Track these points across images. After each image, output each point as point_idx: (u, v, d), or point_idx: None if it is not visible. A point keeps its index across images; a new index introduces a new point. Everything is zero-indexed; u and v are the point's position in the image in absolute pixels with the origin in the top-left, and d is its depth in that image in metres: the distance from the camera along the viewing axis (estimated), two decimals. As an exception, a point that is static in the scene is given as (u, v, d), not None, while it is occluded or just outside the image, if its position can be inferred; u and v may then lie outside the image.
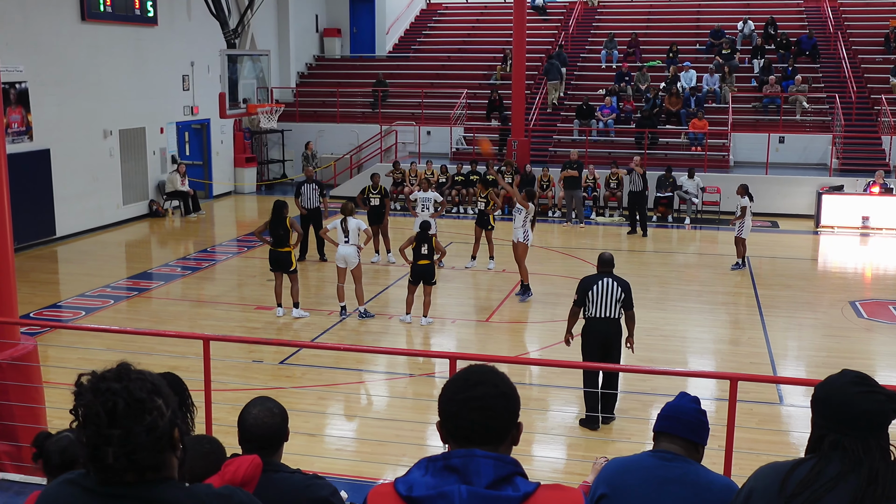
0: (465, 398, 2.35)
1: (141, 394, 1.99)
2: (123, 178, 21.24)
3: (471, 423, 2.33)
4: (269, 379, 10.66)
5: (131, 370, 2.04)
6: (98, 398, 1.97)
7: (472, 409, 2.33)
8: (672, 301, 14.75)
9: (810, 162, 24.07)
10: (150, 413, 1.99)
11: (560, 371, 10.54)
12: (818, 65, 26.95)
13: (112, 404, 1.96)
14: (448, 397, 2.39)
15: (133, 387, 1.99)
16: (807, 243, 19.94)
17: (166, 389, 2.08)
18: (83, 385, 2.03)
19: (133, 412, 1.97)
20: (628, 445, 8.28)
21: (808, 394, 9.15)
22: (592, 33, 30.61)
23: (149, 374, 2.07)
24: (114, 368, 2.04)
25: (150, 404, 2.00)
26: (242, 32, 24.32)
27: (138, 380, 2.02)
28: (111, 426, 1.96)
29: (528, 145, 23.74)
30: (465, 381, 2.38)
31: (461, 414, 2.34)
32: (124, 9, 20.66)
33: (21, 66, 17.54)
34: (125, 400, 1.97)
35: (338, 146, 26.76)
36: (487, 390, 2.35)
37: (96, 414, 1.96)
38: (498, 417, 2.34)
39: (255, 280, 16.00)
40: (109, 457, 1.97)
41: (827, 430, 2.72)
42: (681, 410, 3.50)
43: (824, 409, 2.77)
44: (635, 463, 3.41)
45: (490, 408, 2.33)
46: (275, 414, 3.51)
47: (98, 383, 2.00)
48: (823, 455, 2.71)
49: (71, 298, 14.47)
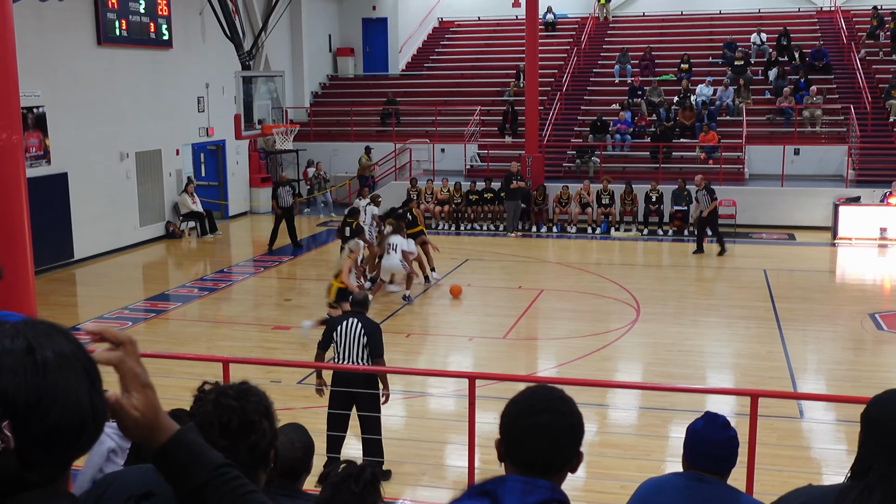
0: (529, 425, 2.28)
1: (254, 416, 2.13)
2: (140, 199, 21.38)
3: (533, 451, 2.27)
4: (288, 399, 10.65)
5: (251, 391, 2.18)
6: (216, 410, 2.11)
7: (537, 438, 2.27)
8: (689, 315, 14.69)
9: (826, 173, 23.97)
10: (256, 433, 2.12)
11: (578, 388, 10.49)
12: (832, 76, 26.89)
13: (227, 419, 2.10)
14: (511, 421, 2.32)
15: (249, 408, 2.13)
16: (824, 255, 19.84)
17: (272, 411, 2.21)
18: (206, 394, 2.17)
19: (243, 430, 2.10)
20: (648, 463, 8.23)
21: (830, 409, 9.08)
22: (605, 48, 30.65)
23: (264, 396, 2.21)
24: (236, 385, 2.19)
25: (259, 426, 2.13)
26: (257, 54, 24.50)
27: (255, 401, 2.16)
28: (220, 437, 2.08)
29: (542, 161, 23.77)
30: (531, 407, 2.31)
31: (524, 441, 2.28)
32: (140, 32, 20.86)
33: (39, 91, 17.72)
34: (239, 418, 2.11)
35: (352, 165, 26.84)
36: (553, 420, 2.28)
37: (210, 424, 2.09)
38: (562, 449, 2.28)
39: (271, 300, 16.05)
40: None
41: (878, 458, 2.41)
42: (714, 445, 3.41)
43: (878, 433, 2.45)
44: (669, 483, 3.40)
45: (555, 439, 2.27)
46: (296, 448, 3.51)
47: (219, 397, 2.13)
48: (868, 486, 2.34)
49: (89, 321, 14.52)
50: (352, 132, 27.71)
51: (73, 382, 1.53)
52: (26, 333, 1.53)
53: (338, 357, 8.26)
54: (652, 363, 12.41)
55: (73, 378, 1.53)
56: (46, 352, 1.51)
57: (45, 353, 1.51)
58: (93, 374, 1.59)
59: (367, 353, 8.22)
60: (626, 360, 12.69)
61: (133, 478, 2.26)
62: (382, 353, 8.32)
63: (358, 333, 8.20)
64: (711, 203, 19.22)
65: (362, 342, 8.19)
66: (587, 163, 24.56)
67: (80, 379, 1.55)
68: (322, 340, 8.47)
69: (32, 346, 1.51)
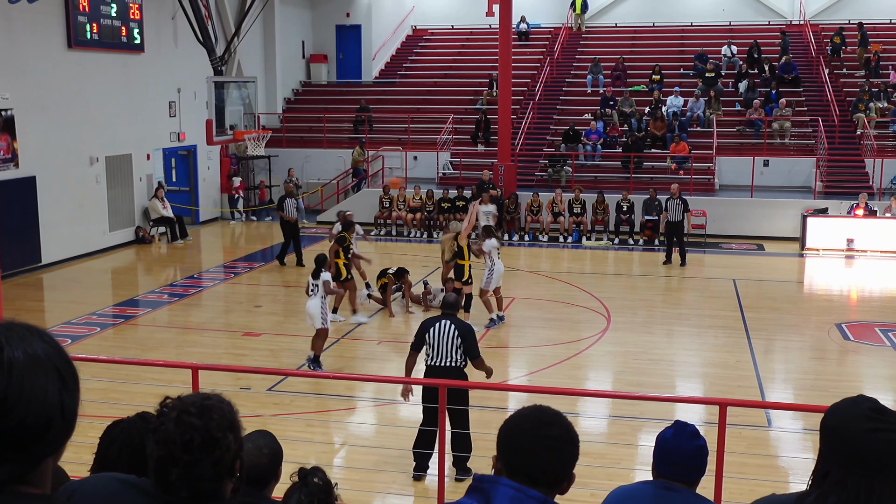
0: (538, 435, 2.38)
1: (217, 433, 2.11)
2: (110, 204, 21.18)
3: (538, 459, 2.36)
4: (257, 406, 10.60)
5: (213, 408, 2.15)
6: (178, 429, 2.10)
7: (544, 448, 2.37)
8: (660, 325, 14.78)
9: (795, 185, 24.26)
10: (220, 448, 2.12)
11: (548, 397, 10.52)
12: (801, 88, 27.23)
13: (189, 437, 2.09)
14: (519, 431, 2.40)
15: (212, 425, 2.11)
16: (792, 266, 20.05)
17: (238, 423, 2.20)
18: (167, 413, 2.14)
19: (206, 447, 2.09)
20: (618, 471, 8.27)
21: (797, 418, 9.17)
22: (578, 58, 30.83)
23: (228, 409, 2.18)
24: (198, 402, 2.15)
25: (223, 442, 2.12)
26: (229, 59, 24.44)
27: (217, 416, 2.14)
28: (183, 453, 2.08)
29: (514, 170, 23.84)
30: (538, 420, 2.41)
31: (532, 449, 2.37)
32: (111, 36, 20.68)
33: (7, 94, 17.53)
34: (202, 436, 2.09)
35: (325, 171, 26.80)
36: (560, 433, 2.39)
37: (173, 441, 2.09)
38: (563, 462, 2.39)
39: (241, 307, 15.95)
40: (173, 475, 2.09)
41: (833, 465, 2.46)
42: (683, 455, 3.42)
43: (833, 440, 2.49)
44: (638, 491, 3.40)
45: (560, 450, 2.38)
46: (263, 454, 3.48)
47: (181, 416, 2.12)
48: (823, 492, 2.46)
49: (57, 326, 14.37)
50: (324, 139, 27.65)
51: (42, 382, 1.55)
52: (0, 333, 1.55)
53: (432, 357, 8.53)
54: (622, 372, 12.47)
55: (42, 378, 1.55)
56: (16, 351, 1.55)
57: (14, 353, 1.54)
58: (66, 376, 1.61)
59: (461, 354, 8.49)
60: (597, 368, 12.75)
61: (96, 486, 2.25)
62: (478, 352, 8.63)
63: (452, 335, 8.49)
64: (684, 213, 19.34)
65: (456, 343, 8.48)
66: (559, 172, 24.67)
67: (50, 379, 1.57)
68: (415, 342, 8.71)
69: (2, 346, 1.55)
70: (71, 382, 1.62)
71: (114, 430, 3.14)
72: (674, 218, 19.27)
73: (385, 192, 23.64)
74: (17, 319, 1.64)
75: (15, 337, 1.58)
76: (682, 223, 19.38)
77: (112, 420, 3.21)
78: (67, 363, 1.62)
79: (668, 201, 19.47)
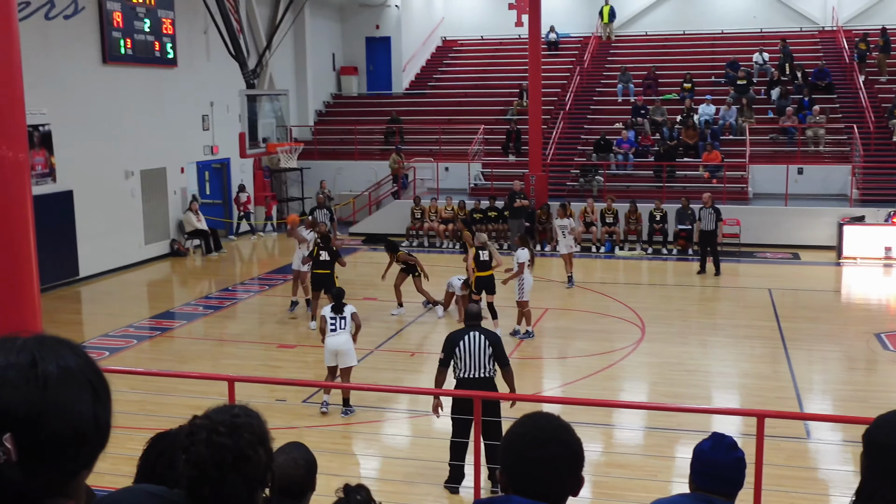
0: (537, 458, 2.31)
1: (248, 450, 2.12)
2: (145, 217, 21.40)
3: (539, 482, 2.31)
4: (292, 418, 10.64)
5: (243, 425, 2.15)
6: (209, 450, 2.10)
7: (545, 470, 2.31)
8: (695, 335, 14.66)
9: (830, 192, 23.95)
10: (251, 464, 2.13)
11: (583, 408, 10.46)
12: (835, 95, 26.94)
13: (220, 458, 2.10)
14: (518, 455, 2.35)
15: (243, 443, 2.12)
16: (829, 275, 19.80)
17: (267, 435, 2.20)
18: (197, 434, 2.15)
19: (238, 465, 2.11)
20: (655, 484, 8.19)
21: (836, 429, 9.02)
22: (608, 67, 30.73)
23: (256, 422, 2.18)
24: (227, 421, 2.15)
25: (254, 458, 2.13)
26: (261, 72, 24.62)
27: (248, 434, 2.14)
28: (214, 471, 2.10)
29: (545, 180, 23.78)
30: (535, 439, 2.34)
31: (532, 473, 2.32)
32: (145, 51, 20.94)
33: (44, 109, 17.78)
34: (234, 455, 2.10)
35: (356, 183, 26.90)
36: (559, 451, 2.33)
37: (204, 461, 2.10)
38: (568, 478, 2.34)
39: (276, 318, 16.02)
40: (206, 492, 2.10)
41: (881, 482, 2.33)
42: (721, 466, 3.39)
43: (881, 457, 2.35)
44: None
45: (559, 469, 2.32)
46: (300, 465, 3.49)
47: (211, 436, 2.12)
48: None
49: (95, 339, 14.53)
50: (356, 151, 27.77)
51: (76, 396, 1.56)
52: (32, 348, 1.56)
53: (463, 370, 8.60)
54: (657, 383, 12.37)
55: (76, 392, 1.56)
56: (49, 365, 1.54)
57: (48, 367, 1.54)
58: (99, 389, 1.61)
59: (492, 363, 8.59)
60: (632, 379, 12.65)
61: (128, 499, 2.26)
62: (508, 360, 8.74)
63: (483, 345, 8.59)
64: (717, 222, 19.17)
65: (487, 353, 8.58)
66: (591, 181, 24.58)
67: (83, 392, 1.57)
68: (444, 358, 8.74)
69: (36, 360, 1.55)
70: (104, 395, 1.63)
71: (161, 442, 3.14)
72: (707, 227, 19.12)
73: (416, 204, 23.67)
74: (48, 333, 1.65)
75: (48, 350, 1.58)
76: (715, 232, 19.21)
77: (152, 432, 3.22)
78: (100, 376, 1.62)
79: (701, 210, 19.32)
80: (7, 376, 1.51)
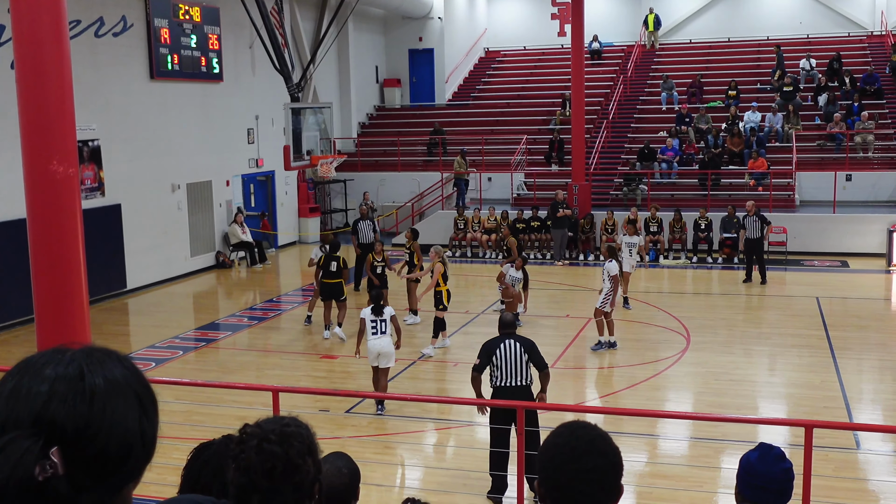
0: (575, 470, 2.26)
1: (298, 459, 2.14)
2: (191, 230, 21.70)
3: (580, 493, 2.26)
4: (336, 428, 10.70)
5: (293, 434, 2.17)
6: (259, 457, 2.12)
7: (583, 482, 2.26)
8: (740, 344, 14.48)
9: (880, 199, 23.55)
10: (301, 473, 2.15)
11: (627, 418, 10.40)
12: (884, 100, 26.51)
13: (271, 466, 2.12)
14: (555, 467, 2.29)
15: (292, 452, 2.14)
16: (879, 283, 19.45)
17: (316, 446, 2.22)
18: (248, 441, 2.16)
19: (287, 474, 2.13)
20: (701, 495, 8.11)
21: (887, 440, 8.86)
22: (651, 75, 30.56)
23: (306, 433, 2.20)
24: (278, 430, 2.17)
25: (303, 468, 2.15)
26: (305, 86, 24.85)
27: (297, 443, 2.16)
28: (264, 479, 2.12)
29: (589, 189, 23.70)
30: (573, 450, 2.29)
31: (571, 486, 2.27)
32: (191, 66, 21.27)
33: (94, 125, 18.14)
34: (283, 464, 2.12)
35: (399, 194, 27.03)
36: (598, 462, 2.27)
37: (254, 469, 2.12)
38: (607, 489, 2.29)
39: (320, 329, 16.12)
40: (255, 501, 2.12)
41: None
42: (769, 478, 3.33)
43: None
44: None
45: (599, 481, 2.27)
46: (343, 474, 3.51)
47: (262, 443, 2.14)
48: None
49: (141, 350, 14.75)
50: (398, 162, 27.90)
51: (123, 408, 1.55)
52: (80, 360, 1.56)
53: (500, 378, 8.62)
54: (703, 392, 12.24)
55: (122, 404, 1.55)
56: (97, 378, 1.54)
57: (95, 380, 1.53)
58: (145, 401, 1.61)
59: (529, 370, 8.63)
60: (677, 389, 12.54)
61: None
62: (546, 363, 8.81)
63: (519, 352, 8.62)
64: (762, 230, 18.93)
65: (524, 359, 8.62)
66: (634, 190, 24.44)
67: (130, 405, 1.57)
68: (479, 364, 8.77)
69: (83, 373, 1.54)
70: (150, 408, 1.62)
71: (204, 452, 3.17)
72: (752, 235, 18.90)
73: (459, 214, 23.71)
74: (97, 344, 1.67)
75: (95, 363, 1.57)
76: (760, 240, 18.98)
77: (197, 442, 3.26)
78: (146, 388, 1.62)
79: (745, 218, 19.11)
80: (56, 389, 1.51)
